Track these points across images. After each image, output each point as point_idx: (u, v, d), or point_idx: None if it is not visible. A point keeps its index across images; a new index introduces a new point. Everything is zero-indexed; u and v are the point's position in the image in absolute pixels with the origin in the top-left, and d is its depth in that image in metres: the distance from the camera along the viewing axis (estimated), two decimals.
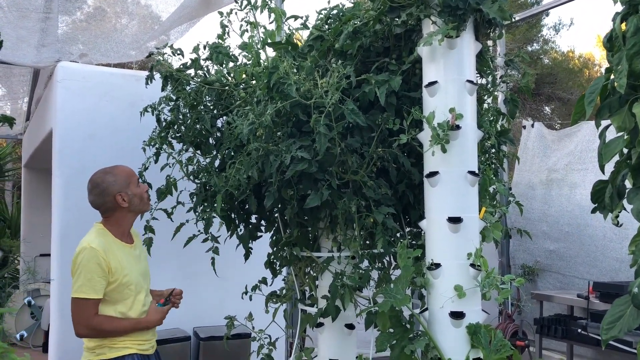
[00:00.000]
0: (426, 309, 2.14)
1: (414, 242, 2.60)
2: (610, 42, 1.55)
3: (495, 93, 2.59)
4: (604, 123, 1.70)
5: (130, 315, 2.52)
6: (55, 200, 3.88)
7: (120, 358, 2.48)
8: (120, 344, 2.49)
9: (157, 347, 2.71)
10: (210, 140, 2.81)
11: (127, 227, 2.64)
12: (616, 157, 1.64)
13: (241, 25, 2.86)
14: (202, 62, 2.84)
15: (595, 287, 4.63)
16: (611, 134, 1.63)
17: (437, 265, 2.06)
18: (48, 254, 4.51)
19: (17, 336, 6.27)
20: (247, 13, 2.77)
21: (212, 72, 2.84)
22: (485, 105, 2.65)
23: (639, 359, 1.68)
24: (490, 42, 2.55)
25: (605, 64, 1.63)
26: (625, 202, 1.62)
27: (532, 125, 6.22)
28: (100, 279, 2.43)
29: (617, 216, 1.66)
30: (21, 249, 7.35)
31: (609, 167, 1.71)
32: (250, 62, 2.75)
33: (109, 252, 2.48)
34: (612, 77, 1.54)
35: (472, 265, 2.02)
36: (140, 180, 2.72)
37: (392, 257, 2.57)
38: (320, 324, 2.62)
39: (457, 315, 2.02)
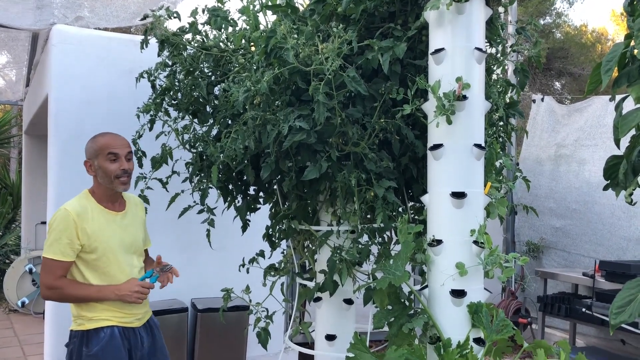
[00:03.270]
0: (426, 286, 2.07)
1: (416, 217, 2.52)
2: (632, 6, 1.44)
3: (505, 63, 2.47)
4: (620, 96, 1.60)
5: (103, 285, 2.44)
6: (51, 167, 3.82)
7: (99, 329, 2.41)
8: (98, 315, 2.42)
9: (151, 320, 2.64)
10: (207, 108, 2.72)
11: (106, 195, 2.49)
12: (632, 132, 1.54)
13: None
14: (200, 27, 2.73)
15: (601, 265, 4.56)
16: (629, 106, 1.52)
17: (439, 242, 1.98)
18: None
19: (19, 303, 6.29)
20: None
21: (211, 37, 2.73)
22: (494, 76, 2.54)
23: None
24: (501, 9, 2.42)
25: (618, 39, 1.51)
26: None
27: (542, 100, 6.07)
28: (69, 241, 2.36)
29: (630, 194, 1.57)
30: (22, 217, 7.34)
31: (624, 142, 1.61)
32: (249, 27, 2.64)
33: (84, 216, 2.39)
34: (632, 44, 1.43)
35: (475, 242, 1.94)
36: (126, 158, 2.47)
37: (393, 232, 2.50)
38: (319, 299, 2.56)
39: (458, 294, 1.94)
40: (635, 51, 1.34)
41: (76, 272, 2.43)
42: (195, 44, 2.68)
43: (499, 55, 2.45)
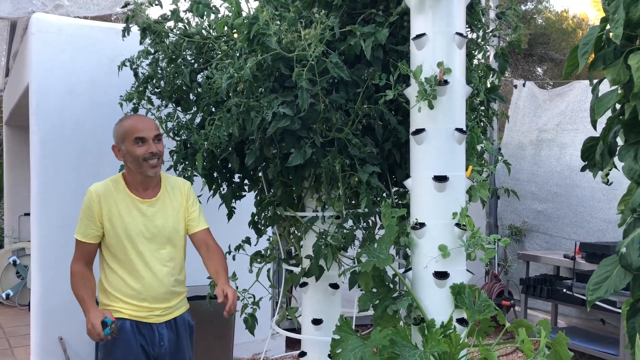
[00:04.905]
0: (410, 268, 2.10)
1: (400, 201, 2.55)
2: None
3: (486, 48, 2.50)
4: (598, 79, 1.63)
5: (120, 274, 2.35)
6: (33, 158, 3.78)
7: None
8: (112, 304, 2.36)
9: (180, 318, 2.49)
10: (191, 96, 2.71)
11: (136, 180, 2.37)
12: (608, 113, 1.57)
13: None
14: (182, 14, 2.72)
15: (581, 247, 4.64)
16: (605, 88, 1.56)
17: (422, 225, 2.02)
18: None
19: (3, 295, 6.24)
20: None
21: (193, 24, 2.72)
22: (475, 61, 2.57)
23: (623, 318, 1.65)
24: None
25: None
26: (616, 159, 1.56)
27: (524, 85, 6.13)
28: (89, 222, 2.33)
29: (607, 174, 1.61)
30: (5, 208, 7.26)
31: (601, 124, 1.64)
32: (231, 14, 2.63)
33: (107, 197, 2.33)
34: (607, 27, 1.46)
35: (458, 224, 1.98)
36: (154, 141, 2.32)
37: (377, 216, 2.52)
38: (305, 284, 2.59)
39: (441, 276, 1.98)
40: (611, 34, 1.37)
41: (102, 258, 2.40)
42: (178, 32, 2.67)
43: (479, 40, 2.48)
